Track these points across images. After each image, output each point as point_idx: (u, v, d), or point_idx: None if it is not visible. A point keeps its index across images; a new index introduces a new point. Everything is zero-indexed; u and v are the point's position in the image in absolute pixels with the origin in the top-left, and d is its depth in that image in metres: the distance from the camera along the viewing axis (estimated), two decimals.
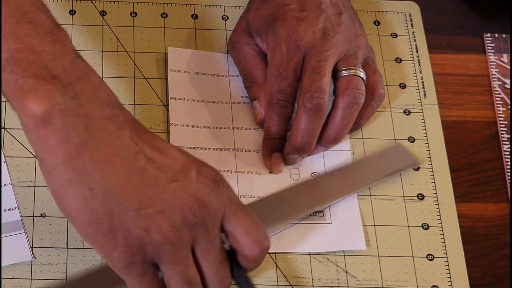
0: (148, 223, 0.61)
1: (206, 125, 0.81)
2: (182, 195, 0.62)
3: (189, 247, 0.63)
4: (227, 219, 0.65)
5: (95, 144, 0.61)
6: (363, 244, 0.76)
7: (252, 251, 0.66)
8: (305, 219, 0.77)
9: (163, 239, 0.61)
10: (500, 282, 0.76)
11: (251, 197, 0.77)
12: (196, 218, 0.62)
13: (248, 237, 0.65)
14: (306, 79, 0.76)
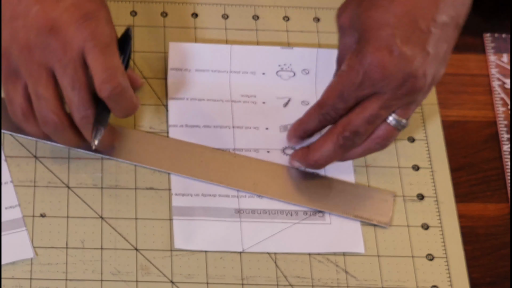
0: (12, 32, 0.70)
1: (206, 124, 0.81)
2: (41, 15, 0.69)
3: (42, 67, 0.70)
4: (86, 53, 0.69)
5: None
6: (361, 247, 0.76)
7: (99, 88, 0.69)
8: (305, 219, 0.77)
9: (18, 50, 0.70)
10: (500, 282, 0.76)
11: (250, 197, 0.77)
12: (45, 39, 0.69)
13: (97, 75, 0.69)
14: (358, 118, 0.73)
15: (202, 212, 0.76)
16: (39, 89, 0.71)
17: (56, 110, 0.71)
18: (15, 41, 0.70)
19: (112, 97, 0.70)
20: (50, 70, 0.70)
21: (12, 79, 0.72)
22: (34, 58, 0.70)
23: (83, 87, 0.70)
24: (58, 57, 0.69)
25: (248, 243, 0.75)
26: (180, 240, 0.75)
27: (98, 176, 0.78)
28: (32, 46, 0.69)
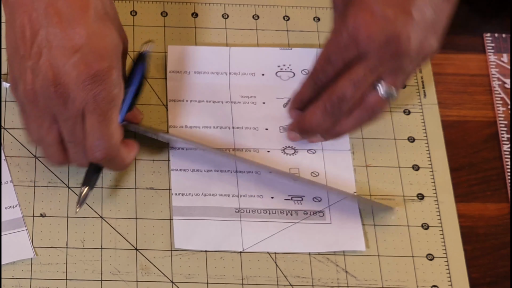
0: (21, 71, 0.70)
1: (206, 125, 0.81)
2: (49, 68, 0.68)
3: (46, 113, 0.70)
4: (85, 114, 0.69)
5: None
6: (362, 245, 0.76)
7: (89, 153, 0.71)
8: (305, 219, 0.77)
9: (24, 92, 0.70)
10: (500, 282, 0.76)
11: (251, 196, 0.77)
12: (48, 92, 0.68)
13: (89, 140, 0.70)
14: (344, 83, 0.73)
15: (202, 211, 0.76)
16: (42, 133, 0.72)
17: (56, 154, 0.73)
18: (22, 80, 0.70)
19: (101, 162, 0.72)
20: (53, 116, 0.70)
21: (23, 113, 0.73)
22: (38, 103, 0.70)
23: (79, 143, 0.71)
24: (59, 110, 0.69)
25: (248, 242, 0.75)
26: (180, 240, 0.75)
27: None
28: (37, 92, 0.69)
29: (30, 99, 0.70)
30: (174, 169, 0.78)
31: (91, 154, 0.70)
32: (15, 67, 0.71)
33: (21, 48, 0.69)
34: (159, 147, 0.80)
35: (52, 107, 0.69)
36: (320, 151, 0.80)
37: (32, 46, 0.68)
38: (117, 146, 0.71)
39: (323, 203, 0.77)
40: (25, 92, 0.70)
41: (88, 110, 0.68)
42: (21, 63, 0.70)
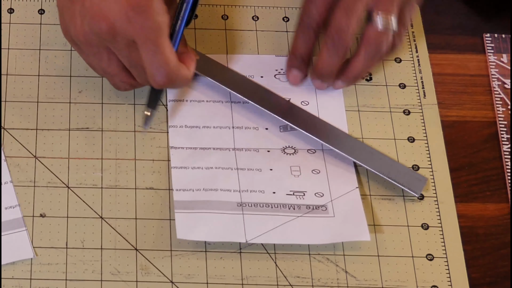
0: (70, 17, 0.74)
1: (206, 125, 0.81)
2: (95, 7, 0.71)
3: (100, 47, 0.74)
4: (140, 46, 0.71)
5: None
6: (367, 235, 0.75)
7: (150, 82, 0.74)
8: (308, 213, 0.77)
9: (75, 36, 0.74)
10: (500, 282, 0.76)
11: (252, 192, 0.77)
12: (97, 31, 0.71)
13: (148, 70, 0.72)
14: (336, 15, 0.77)
15: (204, 205, 0.76)
16: (104, 66, 0.76)
17: (125, 79, 0.78)
18: (72, 24, 0.74)
19: (164, 86, 0.74)
20: (109, 49, 0.74)
21: (82, 53, 0.78)
22: (91, 41, 0.73)
23: (140, 64, 0.73)
24: (111, 44, 0.73)
25: (252, 234, 0.75)
26: (182, 230, 0.75)
27: (98, 176, 0.78)
28: (87, 32, 0.72)
29: (83, 40, 0.73)
30: (174, 166, 0.78)
31: (153, 81, 0.73)
32: (65, 14, 0.75)
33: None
34: (159, 147, 0.80)
35: (105, 42, 0.73)
36: (320, 150, 0.80)
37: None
38: (175, 69, 0.73)
39: (326, 198, 0.77)
40: (77, 35, 0.73)
41: (138, 41, 0.71)
42: (70, 7, 0.73)
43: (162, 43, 0.71)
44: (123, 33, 0.70)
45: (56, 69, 0.83)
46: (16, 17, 0.86)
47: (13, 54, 0.84)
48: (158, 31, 0.70)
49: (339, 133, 0.81)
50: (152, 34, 0.70)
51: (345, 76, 0.81)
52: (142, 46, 0.71)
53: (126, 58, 0.74)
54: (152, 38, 0.70)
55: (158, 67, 0.72)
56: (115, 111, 0.81)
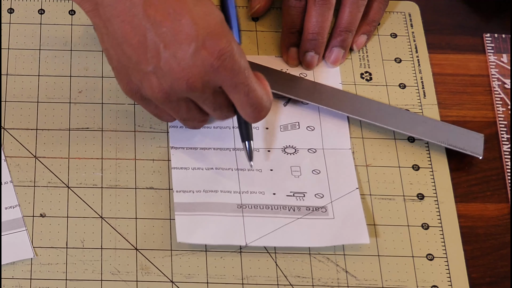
0: (142, 78, 0.70)
1: (206, 125, 0.81)
2: (174, 65, 0.68)
3: (181, 102, 0.72)
4: (226, 91, 0.70)
5: (109, 1, 0.69)
6: (366, 238, 0.75)
7: (248, 120, 0.73)
8: (308, 215, 0.77)
9: (152, 95, 0.71)
10: (500, 282, 0.76)
11: (253, 193, 0.77)
12: (181, 89, 0.69)
13: (243, 112, 0.72)
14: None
15: (204, 207, 0.76)
16: (182, 116, 0.74)
17: (202, 119, 0.76)
18: (147, 86, 0.71)
19: (261, 119, 0.73)
20: (187, 99, 0.72)
21: (149, 107, 0.76)
22: (171, 99, 0.71)
23: (225, 105, 0.73)
24: (196, 97, 0.71)
25: (252, 237, 0.75)
26: (182, 233, 0.75)
27: (98, 176, 0.78)
28: (167, 92, 0.70)
29: (161, 100, 0.71)
30: (175, 167, 0.78)
31: (249, 119, 0.73)
32: (132, 75, 0.71)
33: (133, 56, 0.69)
34: (159, 147, 0.80)
35: (188, 96, 0.71)
36: (321, 150, 0.80)
37: (146, 51, 0.68)
38: (267, 101, 0.72)
39: (326, 199, 0.77)
40: (154, 95, 0.71)
41: (228, 87, 0.70)
42: (139, 70, 0.70)
43: (252, 81, 0.70)
44: (211, 84, 0.69)
45: (56, 69, 0.83)
46: (16, 17, 0.86)
47: (13, 54, 0.84)
48: (246, 71, 0.69)
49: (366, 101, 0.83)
50: (242, 76, 0.69)
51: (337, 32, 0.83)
52: (232, 91, 0.70)
53: (210, 105, 0.72)
54: (243, 80, 0.69)
55: (253, 105, 0.71)
56: (115, 111, 0.81)
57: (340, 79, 0.84)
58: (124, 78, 0.73)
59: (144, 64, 0.69)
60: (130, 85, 0.73)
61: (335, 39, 0.84)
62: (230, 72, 0.68)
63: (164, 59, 0.68)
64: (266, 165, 0.79)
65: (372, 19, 0.85)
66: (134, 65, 0.70)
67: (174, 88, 0.69)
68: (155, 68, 0.69)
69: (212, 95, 0.71)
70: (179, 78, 0.68)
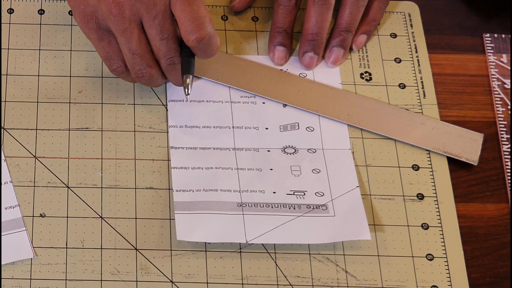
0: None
1: (206, 125, 0.81)
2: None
3: (133, 22, 0.74)
4: (172, 5, 0.73)
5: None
6: (367, 234, 0.75)
7: (186, 39, 0.74)
8: (308, 212, 0.77)
9: (107, 10, 0.74)
10: (500, 282, 0.76)
11: (253, 192, 0.77)
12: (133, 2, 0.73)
13: (183, 25, 0.73)
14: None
15: (204, 206, 0.76)
16: (133, 45, 0.75)
17: (150, 63, 0.76)
18: (103, 1, 0.74)
19: (200, 46, 0.74)
20: (140, 24, 0.75)
21: (106, 38, 0.77)
22: (124, 14, 0.74)
23: (171, 36, 0.75)
24: (147, 10, 0.73)
25: (252, 234, 0.75)
26: (182, 232, 0.75)
27: (98, 176, 0.78)
28: (121, 3, 0.73)
29: (115, 11, 0.74)
30: (174, 167, 0.78)
31: (189, 37, 0.73)
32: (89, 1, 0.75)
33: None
34: (159, 147, 0.80)
35: (140, 10, 0.73)
36: (321, 150, 0.80)
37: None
38: (211, 22, 0.73)
39: (326, 197, 0.77)
40: (108, 7, 0.73)
41: (173, 1, 0.72)
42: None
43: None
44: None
45: (56, 69, 0.83)
46: (16, 17, 0.86)
47: (13, 54, 0.84)
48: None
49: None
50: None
51: (337, 31, 0.84)
52: (178, 3, 0.72)
53: (159, 28, 0.74)
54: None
55: (194, 20, 0.72)
56: (115, 111, 0.81)
57: (340, 79, 0.84)
58: (80, 4, 0.76)
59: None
60: (86, 10, 0.75)
61: (334, 39, 0.84)
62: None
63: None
64: (266, 164, 0.79)
65: (373, 18, 0.85)
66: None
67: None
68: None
69: (162, 13, 0.73)
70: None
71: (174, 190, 0.77)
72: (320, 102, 0.82)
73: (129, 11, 0.74)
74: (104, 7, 0.74)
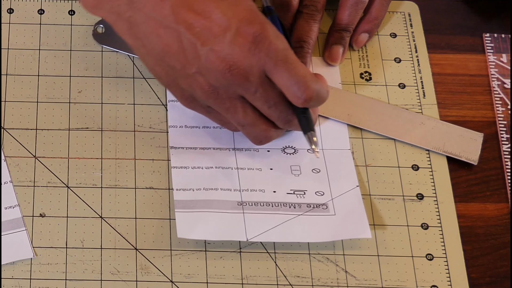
0: (191, 81, 0.72)
1: (206, 125, 0.81)
2: (213, 58, 0.70)
3: (233, 99, 0.72)
4: (269, 74, 0.70)
5: (142, 19, 0.72)
6: (368, 232, 0.75)
7: (295, 102, 0.71)
8: (308, 211, 0.77)
9: (204, 95, 0.72)
10: (500, 282, 0.76)
11: (253, 191, 0.77)
12: (227, 80, 0.70)
13: (288, 92, 0.71)
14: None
15: (204, 204, 0.76)
16: (240, 119, 0.74)
17: (263, 127, 0.75)
18: (197, 87, 0.72)
19: (311, 104, 0.72)
20: (241, 97, 0.73)
21: (212, 111, 0.76)
22: (222, 96, 0.72)
23: (278, 101, 0.72)
24: (244, 87, 0.71)
25: (252, 233, 0.75)
26: (183, 229, 0.75)
27: (97, 176, 0.78)
28: (215, 86, 0.71)
29: (212, 96, 0.72)
30: (174, 166, 0.78)
31: (296, 100, 0.71)
32: (182, 83, 0.73)
33: (176, 64, 0.72)
34: (158, 147, 0.80)
35: (237, 90, 0.71)
36: (320, 150, 0.80)
37: (185, 54, 0.71)
38: (314, 80, 0.72)
39: (326, 196, 0.77)
40: (204, 93, 0.72)
41: (270, 68, 0.70)
42: (185, 75, 0.72)
43: (293, 59, 0.71)
44: (253, 68, 0.70)
45: (56, 69, 0.83)
46: (16, 17, 0.86)
47: (13, 54, 0.84)
48: (284, 50, 0.70)
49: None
50: (280, 54, 0.70)
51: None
52: (275, 71, 0.70)
53: (263, 99, 0.72)
54: (282, 57, 0.70)
55: (297, 83, 0.70)
56: (115, 111, 0.81)
57: (340, 79, 0.84)
58: (177, 90, 0.75)
59: (188, 67, 0.71)
60: (185, 95, 0.75)
61: (332, 37, 0.84)
62: (267, 53, 0.69)
63: (203, 56, 0.70)
64: (266, 164, 0.79)
65: (375, 16, 0.85)
66: (180, 72, 0.72)
67: (220, 81, 0.71)
68: (199, 67, 0.71)
69: (261, 85, 0.71)
70: (222, 69, 0.70)
71: (174, 189, 0.77)
72: None
73: (225, 93, 0.72)
74: (200, 93, 0.73)
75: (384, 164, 0.80)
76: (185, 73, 0.72)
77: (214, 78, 0.71)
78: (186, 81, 0.73)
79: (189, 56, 0.71)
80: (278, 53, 0.70)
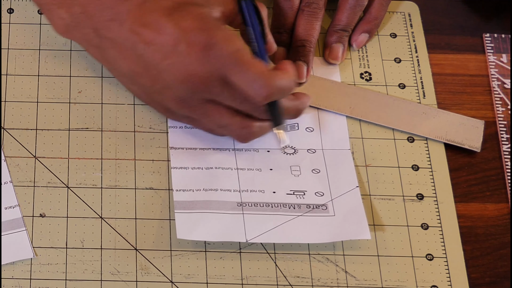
0: (162, 96, 0.75)
1: None
2: (173, 71, 0.72)
3: (203, 104, 0.74)
4: (226, 78, 0.71)
5: (108, 45, 0.75)
6: (367, 233, 0.75)
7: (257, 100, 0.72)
8: (308, 212, 0.77)
9: (176, 106, 0.75)
10: (500, 282, 0.76)
11: (252, 191, 0.77)
12: (190, 89, 0.72)
13: (247, 91, 0.71)
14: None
15: (204, 205, 0.76)
16: (218, 121, 0.76)
17: (244, 123, 0.76)
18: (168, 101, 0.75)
19: (273, 98, 0.73)
20: (211, 101, 0.74)
21: (193, 120, 0.78)
22: (192, 104, 0.74)
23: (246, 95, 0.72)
24: (209, 93, 0.73)
25: (252, 234, 0.75)
26: (182, 230, 0.75)
27: (97, 176, 0.78)
28: (183, 97, 0.74)
29: (183, 106, 0.75)
30: (174, 167, 0.78)
31: (259, 97, 0.71)
32: (156, 98, 0.76)
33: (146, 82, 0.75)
34: (158, 147, 0.80)
35: (203, 96, 0.73)
36: (320, 150, 0.80)
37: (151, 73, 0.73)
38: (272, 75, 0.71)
39: (326, 197, 0.77)
40: (176, 105, 0.75)
41: (227, 73, 0.71)
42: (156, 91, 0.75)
43: (245, 59, 0.71)
44: (211, 74, 0.71)
45: (56, 69, 0.83)
46: (16, 17, 0.86)
47: (13, 54, 0.84)
48: (235, 52, 0.71)
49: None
50: (231, 57, 0.70)
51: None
52: (231, 74, 0.71)
53: (231, 98, 0.73)
54: (233, 61, 0.70)
55: (253, 81, 0.71)
56: (115, 111, 0.81)
57: (340, 79, 0.84)
58: (156, 105, 0.78)
59: (155, 84, 0.74)
60: (163, 108, 0.77)
61: (331, 36, 0.85)
62: (218, 59, 0.70)
63: (164, 71, 0.72)
64: (266, 164, 0.79)
65: (375, 16, 0.85)
66: (151, 89, 0.75)
67: (185, 91, 0.73)
68: (163, 82, 0.73)
69: (224, 86, 0.72)
70: (182, 80, 0.72)
71: (174, 190, 0.77)
72: (321, 96, 0.82)
73: (194, 101, 0.74)
74: (172, 105, 0.75)
75: (384, 164, 0.80)
76: (155, 89, 0.75)
77: (178, 90, 0.73)
78: (159, 97, 0.75)
79: (153, 73, 0.73)
80: (229, 56, 0.70)
